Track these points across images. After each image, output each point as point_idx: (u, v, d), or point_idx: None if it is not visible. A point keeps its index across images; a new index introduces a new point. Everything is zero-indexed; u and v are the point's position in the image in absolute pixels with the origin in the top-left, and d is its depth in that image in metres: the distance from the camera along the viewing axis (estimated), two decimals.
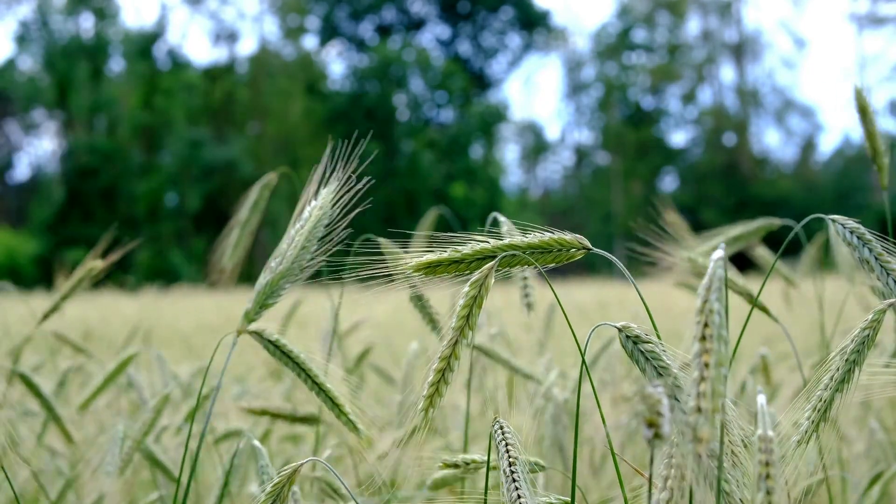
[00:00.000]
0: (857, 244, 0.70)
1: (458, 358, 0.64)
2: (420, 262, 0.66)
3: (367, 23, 27.80)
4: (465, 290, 0.64)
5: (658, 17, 28.45)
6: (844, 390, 0.69)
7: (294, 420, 1.09)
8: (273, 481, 0.70)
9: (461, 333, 0.64)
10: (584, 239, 0.67)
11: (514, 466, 0.65)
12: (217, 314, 6.26)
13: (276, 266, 0.65)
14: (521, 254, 0.65)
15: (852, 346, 0.70)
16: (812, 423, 0.69)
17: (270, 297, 0.64)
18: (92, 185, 22.75)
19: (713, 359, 0.47)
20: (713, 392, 0.46)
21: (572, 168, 29.29)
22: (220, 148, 23.64)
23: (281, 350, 0.78)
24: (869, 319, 0.71)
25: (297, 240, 0.65)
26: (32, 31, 24.73)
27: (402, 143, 25.00)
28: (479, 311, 0.64)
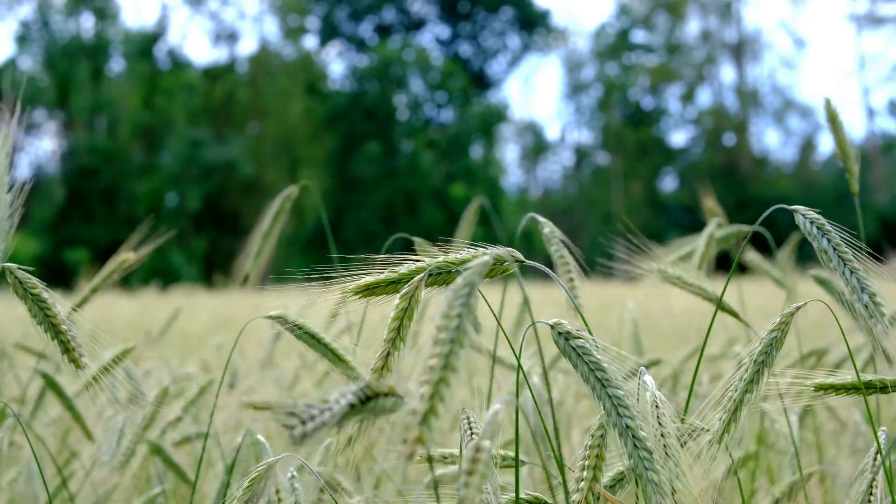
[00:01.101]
0: (816, 234, 0.72)
1: (390, 370, 0.65)
2: (359, 284, 0.67)
3: (366, 23, 27.81)
4: (395, 302, 0.66)
5: (657, 17, 28.46)
6: (753, 391, 0.71)
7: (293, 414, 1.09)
8: (250, 476, 0.70)
9: (393, 345, 0.65)
10: (516, 252, 0.68)
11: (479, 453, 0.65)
12: (217, 314, 6.27)
13: None
14: (454, 269, 0.66)
15: (760, 349, 0.72)
16: (723, 423, 0.71)
17: None
18: (92, 186, 22.75)
19: (440, 362, 0.47)
20: (433, 394, 0.47)
21: (572, 168, 29.30)
22: (220, 148, 23.64)
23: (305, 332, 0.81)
24: (777, 322, 0.72)
25: None
26: (33, 31, 24.73)
27: (401, 143, 25.01)
28: (410, 322, 0.65)
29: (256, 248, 1.23)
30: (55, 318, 0.73)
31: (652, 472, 0.60)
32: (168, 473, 1.29)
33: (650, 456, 0.60)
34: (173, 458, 1.20)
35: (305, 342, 0.85)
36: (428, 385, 0.47)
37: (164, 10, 30.09)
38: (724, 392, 0.72)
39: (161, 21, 26.18)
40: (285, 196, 1.25)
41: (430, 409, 0.46)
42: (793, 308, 0.73)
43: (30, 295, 0.73)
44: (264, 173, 24.21)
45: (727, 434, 0.72)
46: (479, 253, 0.67)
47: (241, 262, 1.23)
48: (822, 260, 0.71)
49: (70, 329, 0.73)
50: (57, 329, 0.73)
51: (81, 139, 24.01)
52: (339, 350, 0.86)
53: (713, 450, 0.70)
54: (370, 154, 24.04)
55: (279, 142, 25.20)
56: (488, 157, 25.82)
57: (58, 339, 0.73)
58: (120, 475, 1.13)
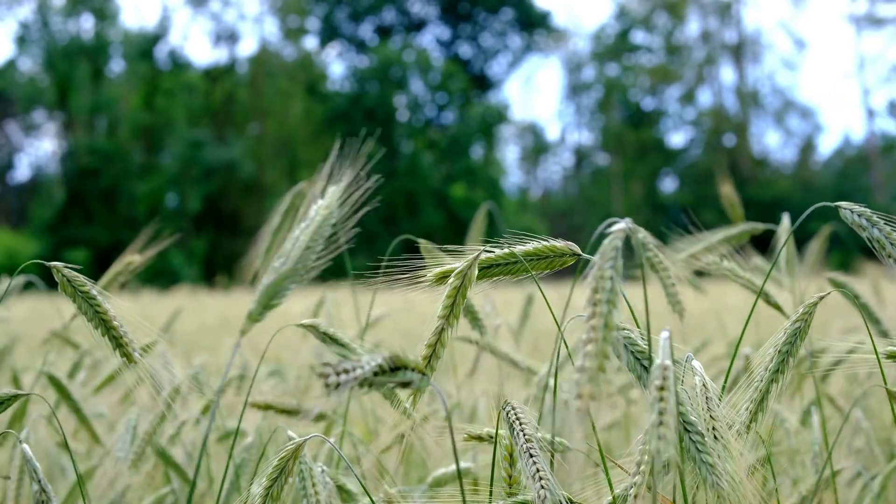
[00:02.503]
0: (866, 225, 0.72)
1: (444, 345, 0.66)
2: (438, 272, 0.70)
3: (367, 24, 27.82)
4: (450, 280, 0.68)
5: (657, 18, 28.47)
6: (779, 381, 0.72)
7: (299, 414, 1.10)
8: (280, 454, 0.71)
9: (447, 321, 0.66)
10: (574, 246, 0.70)
11: (530, 443, 0.66)
12: (220, 315, 6.27)
13: (280, 266, 0.65)
14: (517, 262, 0.68)
15: (784, 339, 0.73)
16: (750, 413, 0.72)
17: (274, 298, 0.65)
18: (92, 186, 22.76)
19: (600, 321, 0.48)
20: (598, 352, 0.47)
21: (572, 169, 29.31)
22: (220, 149, 23.65)
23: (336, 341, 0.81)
24: (800, 312, 0.73)
25: (302, 239, 0.66)
26: (33, 32, 24.74)
27: (402, 143, 25.01)
28: (463, 300, 0.67)
29: (266, 245, 1.23)
30: (106, 315, 0.74)
31: (706, 454, 0.61)
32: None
33: (702, 440, 0.61)
34: (175, 460, 1.21)
35: (338, 354, 0.85)
36: (593, 343, 0.47)
37: (165, 11, 30.09)
38: (749, 382, 0.73)
39: (162, 22, 26.19)
40: (296, 193, 1.25)
41: (599, 366, 0.47)
42: (815, 298, 0.74)
43: (79, 293, 0.74)
44: (264, 174, 24.22)
45: (754, 423, 0.72)
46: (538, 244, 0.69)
47: (251, 260, 1.23)
48: (875, 248, 0.72)
49: (122, 325, 0.74)
50: (109, 325, 0.74)
51: (81, 140, 24.02)
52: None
53: (742, 439, 0.71)
54: (370, 155, 24.01)
55: (279, 142, 25.21)
56: (488, 157, 25.83)
57: (109, 334, 0.74)
58: (135, 473, 1.13)
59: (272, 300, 0.64)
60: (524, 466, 0.65)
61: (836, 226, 1.55)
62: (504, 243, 0.70)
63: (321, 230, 0.67)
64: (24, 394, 0.79)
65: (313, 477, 0.74)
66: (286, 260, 0.65)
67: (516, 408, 0.69)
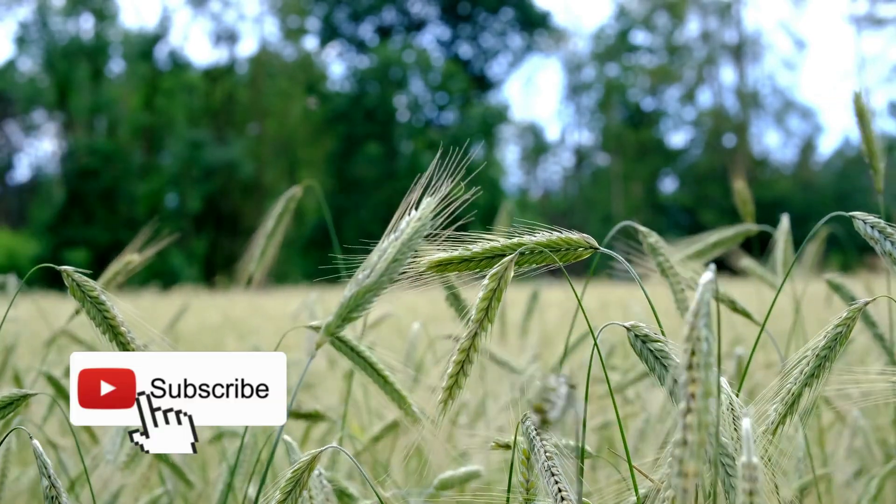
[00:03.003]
0: (879, 238, 0.72)
1: (477, 350, 0.64)
2: (433, 259, 0.67)
3: (367, 24, 27.81)
4: (484, 282, 0.66)
5: (657, 18, 28.47)
6: (814, 385, 0.71)
7: (298, 416, 1.10)
8: (294, 466, 0.71)
9: (481, 326, 0.65)
10: (591, 238, 0.68)
11: (551, 461, 0.65)
12: (217, 315, 6.26)
13: (364, 279, 0.64)
14: (528, 252, 0.66)
15: (824, 343, 0.71)
16: (779, 415, 0.70)
17: (355, 311, 0.64)
18: (92, 186, 22.75)
19: (700, 389, 0.45)
20: (700, 424, 0.45)
21: (572, 169, 29.30)
22: (220, 149, 23.64)
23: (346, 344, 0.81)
24: (843, 317, 0.72)
25: (390, 252, 0.65)
26: (32, 33, 24.73)
27: (402, 144, 25.01)
28: (498, 303, 0.65)
29: (260, 249, 1.23)
30: (114, 320, 0.74)
31: (735, 478, 0.59)
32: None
33: (732, 462, 0.59)
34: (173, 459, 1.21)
35: (345, 354, 0.84)
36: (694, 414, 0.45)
37: (165, 12, 30.09)
38: (781, 385, 0.72)
39: (162, 22, 26.19)
40: (289, 197, 1.25)
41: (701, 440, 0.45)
42: (861, 303, 0.73)
43: (88, 297, 0.74)
44: (264, 174, 24.22)
45: (782, 426, 0.71)
46: (552, 235, 0.67)
47: (245, 263, 1.23)
48: (888, 262, 0.71)
49: (129, 331, 0.74)
50: (116, 330, 0.74)
51: (81, 140, 24.01)
52: (379, 366, 0.84)
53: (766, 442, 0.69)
54: (370, 155, 24.04)
55: (279, 143, 25.21)
56: (489, 158, 25.82)
57: (117, 339, 0.74)
58: (130, 475, 1.13)
59: (352, 312, 0.62)
60: (546, 485, 0.64)
61: (834, 227, 1.55)
62: (514, 233, 0.68)
63: (411, 242, 0.65)
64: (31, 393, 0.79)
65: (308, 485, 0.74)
66: (371, 272, 0.63)
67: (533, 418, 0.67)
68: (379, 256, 0.64)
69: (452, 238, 0.68)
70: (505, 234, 0.68)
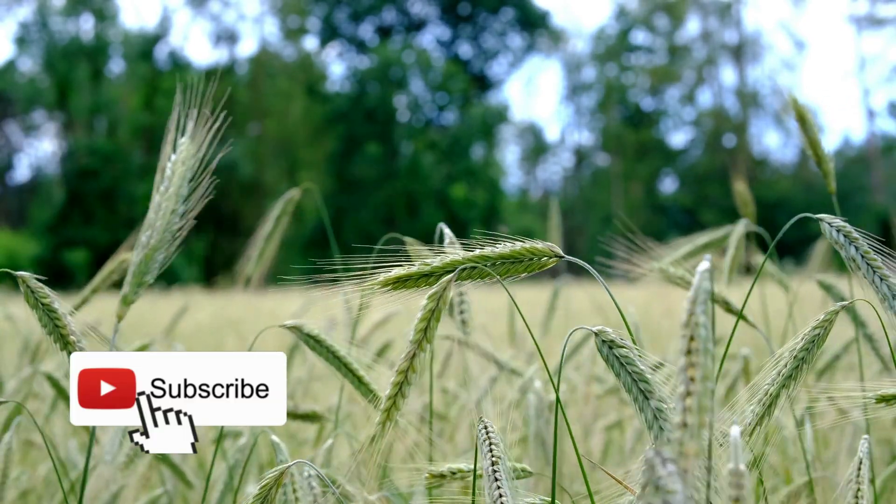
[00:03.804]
0: (843, 242, 0.71)
1: (415, 371, 0.64)
2: (388, 276, 0.66)
3: (367, 24, 27.80)
4: (423, 303, 0.64)
5: (657, 19, 28.46)
6: (791, 387, 0.71)
7: (295, 417, 1.10)
8: (262, 483, 0.70)
9: (419, 347, 0.64)
10: (555, 247, 0.67)
11: (496, 466, 0.65)
12: (217, 315, 6.27)
13: (148, 240, 0.64)
14: (488, 265, 0.65)
15: (801, 345, 0.71)
16: (756, 416, 0.70)
17: (147, 275, 0.64)
18: (92, 187, 22.75)
19: (699, 373, 0.46)
20: (699, 407, 0.45)
21: (572, 169, 29.30)
22: (220, 149, 23.61)
23: (320, 344, 0.80)
24: (820, 319, 0.72)
25: (165, 205, 0.64)
26: (32, 33, 24.73)
27: (402, 144, 25.00)
28: (437, 323, 0.64)
29: (259, 250, 1.23)
30: (65, 329, 0.73)
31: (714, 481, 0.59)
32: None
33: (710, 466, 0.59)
34: (172, 460, 1.21)
35: (321, 355, 0.84)
36: (692, 397, 0.45)
37: (165, 12, 30.09)
38: (758, 386, 0.72)
39: (162, 22, 26.19)
40: (288, 199, 1.25)
41: (700, 423, 0.45)
42: (837, 307, 0.73)
43: (41, 304, 0.73)
44: (264, 174, 24.21)
45: (759, 427, 0.71)
46: (514, 246, 0.66)
47: (244, 264, 1.23)
48: (851, 268, 0.71)
49: (79, 340, 0.73)
50: (66, 340, 0.73)
51: (81, 140, 24.01)
52: (354, 366, 0.84)
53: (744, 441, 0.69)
54: (370, 155, 24.03)
55: (279, 143, 25.20)
56: (489, 158, 25.82)
57: (66, 350, 0.73)
58: (130, 475, 1.13)
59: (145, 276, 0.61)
60: (488, 490, 0.64)
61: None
62: (476, 245, 0.66)
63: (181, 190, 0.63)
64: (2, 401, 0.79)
65: (294, 483, 0.74)
66: (152, 232, 0.62)
67: (489, 427, 0.68)
68: (156, 213, 0.64)
69: (409, 253, 0.66)
70: (466, 247, 0.66)
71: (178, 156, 0.68)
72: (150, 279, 0.65)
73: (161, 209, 0.64)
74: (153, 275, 0.65)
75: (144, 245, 0.64)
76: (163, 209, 0.64)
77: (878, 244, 0.71)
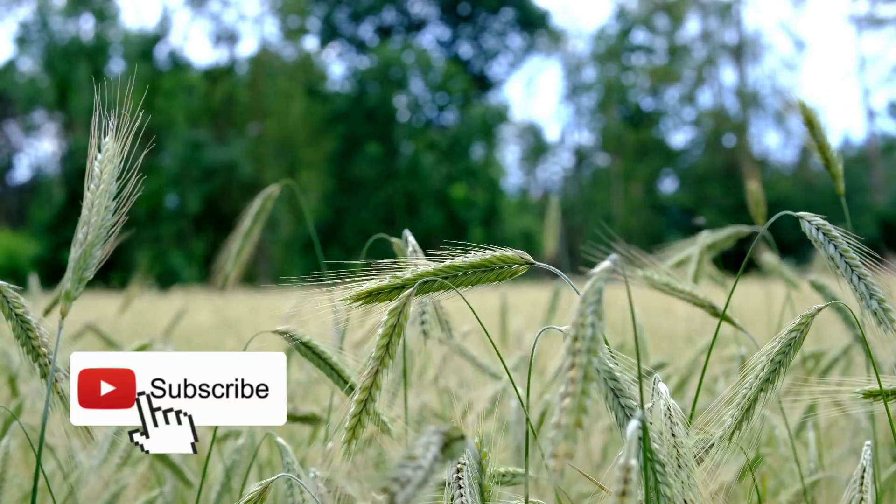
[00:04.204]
0: (823, 241, 0.71)
1: (379, 388, 0.63)
2: (360, 291, 0.66)
3: (367, 24, 27.80)
4: (383, 318, 0.64)
5: (656, 19, 28.46)
6: (769, 390, 0.71)
7: (294, 419, 1.10)
8: (245, 498, 0.71)
9: (381, 363, 0.63)
10: (525, 254, 0.67)
11: (459, 473, 0.64)
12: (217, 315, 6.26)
13: (84, 237, 0.65)
14: (461, 274, 0.65)
15: (778, 348, 0.71)
16: (735, 420, 0.70)
17: (86, 270, 0.64)
18: None
19: (580, 373, 0.46)
20: (577, 407, 0.45)
21: (572, 169, 29.30)
22: (220, 149, 23.64)
23: (312, 350, 0.80)
24: (796, 322, 0.72)
25: (98, 202, 0.65)
26: (32, 33, 24.73)
27: (402, 144, 25.00)
28: (399, 339, 0.63)
29: (237, 248, 1.22)
30: (36, 340, 0.72)
31: (665, 485, 0.59)
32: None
33: (663, 469, 0.59)
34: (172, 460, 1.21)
35: (311, 360, 0.83)
36: (570, 398, 0.45)
37: (165, 12, 30.09)
38: (736, 390, 0.72)
39: (162, 22, 26.19)
40: (266, 195, 1.24)
41: (576, 423, 0.45)
42: (813, 310, 0.73)
43: (14, 314, 0.73)
44: (264, 174, 24.20)
45: (738, 432, 0.71)
46: (485, 255, 0.66)
47: (222, 263, 1.22)
48: (830, 266, 0.71)
49: (49, 352, 0.72)
50: (38, 352, 0.72)
51: (81, 140, 23.97)
52: (346, 373, 0.83)
53: (723, 448, 0.70)
54: (370, 155, 24.03)
55: (279, 143, 25.20)
56: (489, 158, 25.82)
57: (38, 361, 0.72)
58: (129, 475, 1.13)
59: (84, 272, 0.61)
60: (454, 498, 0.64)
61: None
62: (446, 255, 0.66)
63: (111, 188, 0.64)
64: None
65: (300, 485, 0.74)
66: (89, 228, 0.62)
67: None
68: (90, 210, 0.64)
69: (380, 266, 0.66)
70: (436, 258, 0.66)
71: (104, 154, 0.68)
72: (89, 274, 0.65)
73: (94, 206, 0.65)
74: (92, 270, 0.66)
75: (82, 242, 0.65)
76: (96, 206, 0.65)
77: (859, 242, 0.71)
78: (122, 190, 0.69)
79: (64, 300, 0.64)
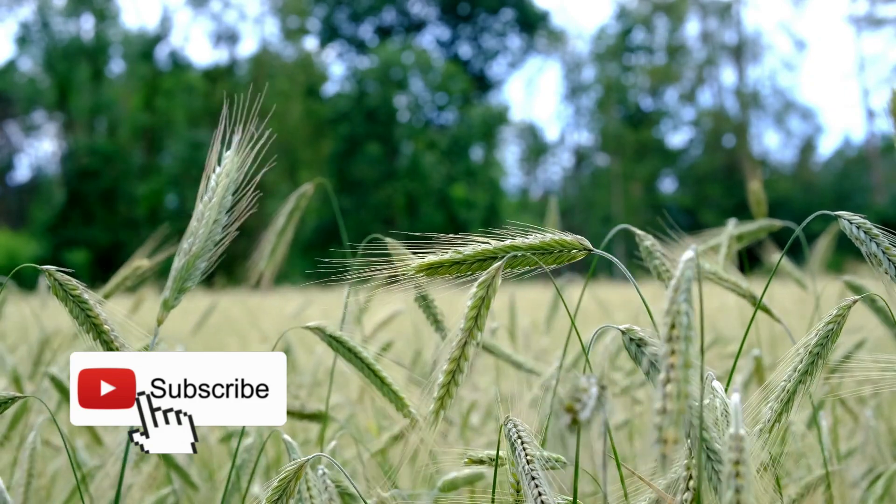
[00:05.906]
0: (864, 238, 0.71)
1: (467, 359, 0.64)
2: (422, 263, 0.66)
3: (367, 24, 27.81)
4: (472, 290, 0.64)
5: (656, 19, 28.47)
6: (808, 382, 0.71)
7: (302, 416, 1.10)
8: (280, 475, 0.70)
9: (470, 335, 0.64)
10: (584, 240, 0.67)
11: (532, 464, 0.65)
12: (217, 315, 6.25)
13: (190, 247, 0.64)
14: (522, 255, 0.65)
15: (816, 340, 0.71)
16: (775, 413, 0.70)
17: (188, 281, 0.64)
18: (92, 187, 22.75)
19: (680, 360, 0.47)
20: (679, 393, 0.46)
21: (572, 169, 29.31)
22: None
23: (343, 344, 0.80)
24: (833, 314, 0.72)
25: (208, 215, 0.65)
26: (33, 33, 24.73)
27: (402, 144, 25.00)
28: (487, 311, 0.64)
29: (271, 246, 1.22)
30: (97, 318, 0.73)
31: (721, 471, 0.58)
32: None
33: (719, 457, 0.59)
34: (176, 461, 1.21)
35: (344, 357, 0.84)
36: (673, 384, 0.46)
37: (165, 12, 30.10)
38: (775, 383, 0.72)
39: (163, 23, 26.19)
40: (300, 194, 1.24)
41: (681, 409, 0.46)
42: (849, 301, 0.73)
43: (71, 296, 0.73)
44: (264, 174, 24.18)
45: (778, 424, 0.71)
46: (545, 237, 0.66)
47: (255, 261, 1.22)
48: (872, 264, 0.71)
49: (112, 329, 0.73)
50: (100, 329, 0.73)
51: (81, 141, 24.01)
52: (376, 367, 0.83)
53: (762, 440, 0.69)
54: (371, 155, 24.03)
55: (279, 143, 25.18)
56: (489, 158, 25.82)
57: (101, 338, 0.73)
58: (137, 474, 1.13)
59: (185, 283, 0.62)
60: (527, 489, 0.64)
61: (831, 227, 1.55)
62: (506, 235, 0.66)
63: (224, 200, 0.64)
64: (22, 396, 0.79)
65: (308, 481, 0.74)
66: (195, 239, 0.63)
67: (518, 424, 0.67)
68: (199, 221, 0.64)
69: (445, 240, 0.66)
70: (496, 237, 0.66)
71: (222, 168, 0.68)
72: (190, 285, 0.65)
73: (204, 218, 0.65)
74: (194, 281, 0.66)
75: (186, 252, 0.64)
76: (206, 218, 0.65)
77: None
78: (236, 204, 0.69)
79: (162, 309, 0.64)
